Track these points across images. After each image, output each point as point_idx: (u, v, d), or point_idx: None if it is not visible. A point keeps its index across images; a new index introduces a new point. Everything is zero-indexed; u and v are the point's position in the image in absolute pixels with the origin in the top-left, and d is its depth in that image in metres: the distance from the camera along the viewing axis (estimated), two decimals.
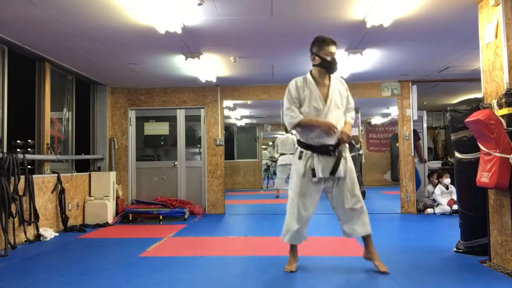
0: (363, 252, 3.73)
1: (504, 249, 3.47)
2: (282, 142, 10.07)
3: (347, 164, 3.57)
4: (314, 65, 3.58)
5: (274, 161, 13.77)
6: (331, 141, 3.48)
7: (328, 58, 3.49)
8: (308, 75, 3.60)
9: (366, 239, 3.67)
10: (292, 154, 10.32)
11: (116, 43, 4.97)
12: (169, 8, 3.84)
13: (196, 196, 7.61)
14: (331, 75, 3.62)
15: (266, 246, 4.74)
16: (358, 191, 3.65)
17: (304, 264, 3.89)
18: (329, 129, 3.40)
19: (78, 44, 5.00)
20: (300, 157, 3.55)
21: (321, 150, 3.48)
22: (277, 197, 9.84)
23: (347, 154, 3.61)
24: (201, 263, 3.97)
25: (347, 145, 3.66)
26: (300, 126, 3.52)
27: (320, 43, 3.52)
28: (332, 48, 3.50)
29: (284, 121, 3.59)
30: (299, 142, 3.63)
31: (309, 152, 3.51)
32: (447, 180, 7.12)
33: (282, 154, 9.97)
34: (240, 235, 5.44)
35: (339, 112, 3.59)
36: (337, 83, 3.66)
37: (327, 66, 3.52)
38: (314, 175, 3.48)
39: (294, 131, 3.82)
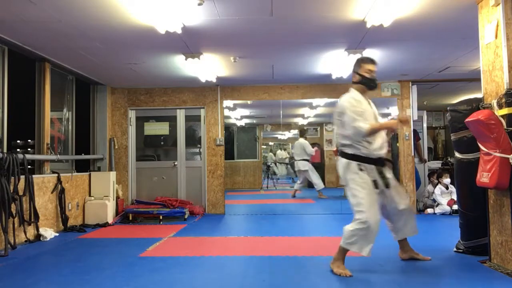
0: (400, 251, 3.96)
1: (504, 249, 3.47)
2: (294, 146, 10.27)
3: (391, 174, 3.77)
4: (354, 83, 3.77)
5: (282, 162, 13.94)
6: (384, 153, 3.68)
7: (368, 76, 3.73)
8: (355, 93, 3.72)
9: (406, 239, 3.92)
10: (303, 160, 10.32)
11: (116, 43, 4.98)
12: (169, 8, 3.84)
13: (196, 196, 7.61)
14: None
15: (266, 246, 4.73)
16: (405, 197, 3.87)
17: (304, 264, 3.89)
18: (404, 122, 3.63)
19: (78, 44, 5.00)
20: (361, 169, 3.57)
21: (378, 162, 3.63)
22: (294, 196, 10.15)
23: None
24: (201, 263, 3.97)
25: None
26: (372, 131, 3.53)
27: (360, 62, 3.78)
28: (372, 66, 3.75)
29: (352, 133, 3.56)
30: (353, 156, 3.60)
31: (367, 165, 3.58)
32: (447, 180, 7.12)
33: (293, 158, 10.22)
34: (240, 235, 5.44)
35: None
36: (371, 103, 3.85)
37: (367, 83, 3.73)
38: (376, 187, 3.58)
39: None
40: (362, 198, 3.51)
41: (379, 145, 3.61)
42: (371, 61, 3.77)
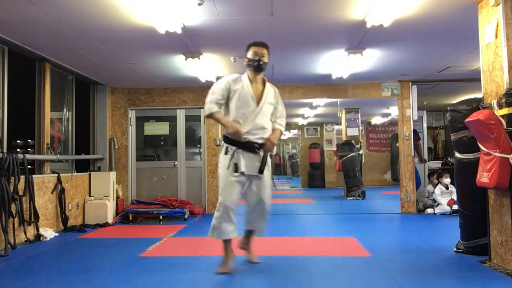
0: (241, 241, 3.96)
1: (504, 249, 3.47)
2: None
3: (268, 167, 3.70)
4: (247, 68, 3.73)
5: None
6: (258, 138, 3.60)
7: (252, 57, 3.65)
8: (244, 75, 3.73)
9: (252, 235, 3.94)
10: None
11: (116, 43, 4.97)
12: (169, 8, 3.84)
13: (196, 196, 7.61)
14: (266, 82, 3.77)
15: (266, 246, 4.73)
16: (269, 194, 3.79)
17: (304, 264, 3.89)
18: (235, 133, 3.51)
19: (78, 44, 5.00)
20: (226, 153, 3.61)
21: (247, 147, 3.57)
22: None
23: (268, 157, 3.69)
24: (201, 263, 3.97)
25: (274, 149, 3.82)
26: (212, 118, 3.64)
27: (249, 46, 3.71)
28: (257, 48, 3.66)
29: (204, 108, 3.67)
30: (225, 138, 3.65)
31: (234, 148, 3.58)
32: (447, 180, 7.12)
33: None
34: (240, 235, 5.43)
35: (267, 118, 3.69)
36: (270, 90, 3.76)
37: (252, 65, 3.65)
38: (236, 170, 3.54)
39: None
40: (222, 182, 3.63)
41: (247, 129, 3.55)
42: (255, 44, 3.70)
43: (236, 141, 3.57)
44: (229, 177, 3.57)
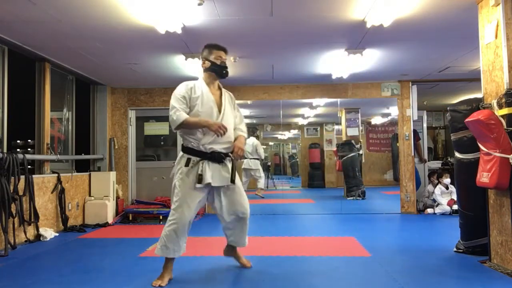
0: (225, 250, 3.79)
1: (504, 249, 3.47)
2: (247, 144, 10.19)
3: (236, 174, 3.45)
4: (204, 70, 3.50)
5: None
6: (223, 148, 3.39)
7: (218, 62, 3.44)
8: (200, 80, 3.50)
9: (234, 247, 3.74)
10: (255, 158, 10.10)
11: (116, 43, 4.97)
12: (169, 8, 3.84)
13: None
14: (221, 86, 3.59)
15: (266, 246, 4.73)
16: (246, 202, 3.57)
17: (304, 264, 3.89)
18: (219, 129, 3.23)
19: (78, 44, 5.00)
20: (187, 164, 3.33)
21: (212, 157, 3.34)
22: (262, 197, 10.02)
23: (234, 164, 3.46)
24: (201, 263, 3.97)
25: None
26: (186, 126, 3.30)
27: (211, 48, 3.48)
28: (222, 53, 3.48)
29: (170, 121, 3.35)
30: (185, 148, 3.39)
31: (197, 159, 3.33)
32: (447, 180, 7.12)
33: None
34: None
35: (231, 125, 3.48)
36: (227, 95, 3.58)
37: (217, 70, 3.45)
38: (200, 181, 3.28)
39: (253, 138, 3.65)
40: (179, 195, 3.31)
41: (209, 139, 3.32)
42: (222, 48, 3.50)
43: (199, 152, 3.33)
44: (190, 190, 3.30)
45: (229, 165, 3.41)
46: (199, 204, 3.42)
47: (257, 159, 9.95)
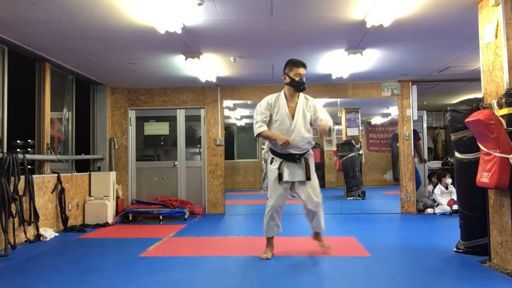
0: (313, 237, 4.41)
1: (504, 249, 3.47)
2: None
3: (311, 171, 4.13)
4: (285, 84, 4.18)
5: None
6: (298, 151, 4.04)
7: (297, 79, 4.06)
8: (282, 93, 4.18)
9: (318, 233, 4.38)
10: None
11: (116, 43, 4.97)
12: (169, 8, 3.84)
13: (196, 196, 7.61)
14: (301, 95, 4.18)
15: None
16: (318, 195, 4.16)
17: (304, 264, 3.89)
18: (283, 144, 3.89)
19: (78, 44, 5.00)
20: (271, 162, 4.12)
21: (289, 158, 4.04)
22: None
23: (311, 162, 4.15)
24: (201, 263, 3.97)
25: (312, 153, 4.21)
26: (262, 137, 4.11)
27: (291, 65, 4.10)
28: (301, 70, 4.07)
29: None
30: (271, 150, 4.16)
31: (279, 159, 4.06)
32: (448, 180, 7.11)
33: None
34: (240, 235, 5.44)
35: (303, 129, 4.07)
36: (302, 102, 4.15)
37: (295, 86, 4.08)
38: (280, 179, 4.03)
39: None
40: (270, 187, 4.09)
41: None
42: (301, 64, 4.09)
43: (279, 154, 4.06)
44: (276, 184, 4.05)
45: (304, 164, 4.06)
46: (283, 195, 4.11)
47: None
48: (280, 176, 4.03)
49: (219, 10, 4.01)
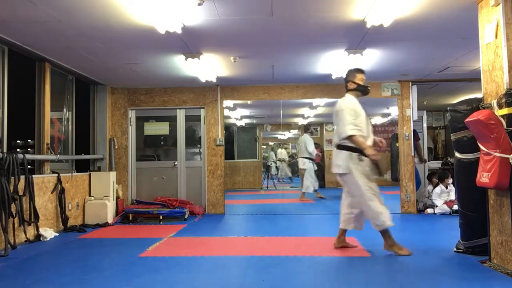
0: (336, 241, 4.51)
1: (504, 249, 3.47)
2: (298, 144, 9.84)
3: None
4: (350, 90, 4.38)
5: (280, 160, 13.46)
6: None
7: (362, 83, 4.37)
8: (353, 97, 4.35)
9: (345, 232, 4.53)
10: (302, 157, 9.79)
11: (116, 43, 4.97)
12: (169, 8, 3.84)
13: (196, 196, 7.61)
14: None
15: (266, 246, 4.73)
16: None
17: (304, 264, 3.89)
18: (373, 155, 4.07)
19: (78, 44, 5.00)
20: (360, 160, 4.18)
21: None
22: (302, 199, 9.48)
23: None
24: (201, 263, 3.97)
25: None
26: (352, 139, 4.15)
27: (354, 72, 4.41)
28: (363, 76, 4.40)
29: (342, 130, 4.20)
30: (354, 148, 4.19)
31: (365, 158, 4.17)
32: (450, 181, 7.11)
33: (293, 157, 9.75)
34: (240, 235, 5.44)
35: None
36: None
37: (363, 90, 4.38)
38: (380, 174, 4.24)
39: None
40: (366, 183, 4.16)
41: (370, 144, 4.23)
42: (361, 71, 4.43)
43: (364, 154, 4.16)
44: (370, 181, 4.19)
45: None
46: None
47: (306, 158, 9.45)
48: (374, 170, 4.20)
49: (219, 10, 4.01)
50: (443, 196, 7.11)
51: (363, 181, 4.16)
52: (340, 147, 4.28)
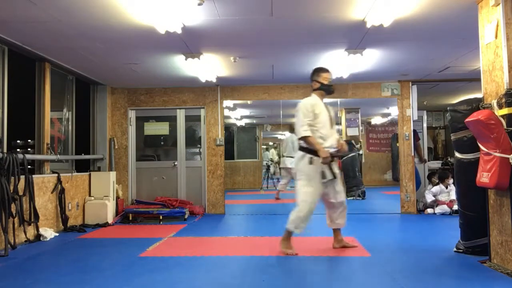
0: (335, 241, 4.48)
1: (504, 249, 3.47)
2: (284, 141, 9.88)
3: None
4: (315, 90, 4.35)
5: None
6: (333, 152, 4.23)
7: (326, 82, 4.31)
8: (316, 97, 4.33)
9: (339, 230, 4.50)
10: (290, 157, 9.78)
11: (116, 43, 4.97)
12: (169, 8, 3.84)
13: (196, 196, 7.61)
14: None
15: (266, 246, 4.73)
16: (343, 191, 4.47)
17: (304, 264, 3.89)
18: (325, 158, 4.06)
19: (78, 44, 5.00)
20: (311, 162, 4.13)
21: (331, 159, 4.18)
22: (277, 199, 9.59)
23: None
24: (201, 263, 3.97)
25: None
26: (306, 140, 4.15)
27: (319, 71, 4.36)
28: (328, 74, 4.35)
29: (297, 131, 4.23)
30: (308, 149, 4.17)
31: (318, 158, 4.11)
32: (450, 181, 7.12)
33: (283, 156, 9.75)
34: (240, 235, 5.44)
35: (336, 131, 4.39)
36: (328, 107, 4.41)
37: (326, 89, 4.33)
38: (324, 177, 4.14)
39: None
40: (308, 187, 4.16)
41: (329, 144, 4.20)
42: (327, 70, 4.38)
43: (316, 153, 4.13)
44: (316, 183, 4.14)
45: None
46: (321, 193, 4.31)
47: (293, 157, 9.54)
48: (323, 175, 4.14)
49: (219, 10, 4.01)
50: (443, 196, 7.11)
51: (301, 183, 4.20)
52: (299, 148, 4.31)
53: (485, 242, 3.78)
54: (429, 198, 7.13)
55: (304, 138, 4.15)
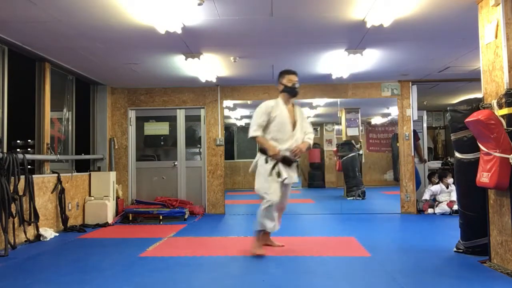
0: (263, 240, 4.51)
1: (504, 249, 3.47)
2: None
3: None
4: (280, 92, 4.35)
5: None
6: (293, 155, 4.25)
7: (290, 84, 4.29)
8: (279, 100, 4.33)
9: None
10: None
11: (116, 43, 4.98)
12: (169, 8, 3.84)
13: (196, 196, 7.61)
14: (293, 103, 4.41)
15: (266, 246, 4.73)
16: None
17: (304, 264, 3.89)
18: (273, 155, 4.16)
19: (78, 44, 5.00)
20: (266, 162, 4.23)
21: (285, 161, 4.21)
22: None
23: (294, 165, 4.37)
24: (201, 263, 3.97)
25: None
26: (256, 140, 4.29)
27: (283, 73, 4.35)
28: (292, 76, 4.31)
29: (249, 130, 4.29)
30: (263, 150, 4.29)
31: (272, 159, 4.20)
32: (450, 180, 7.12)
33: None
34: (240, 235, 5.44)
35: (301, 136, 4.31)
36: (298, 109, 4.41)
37: (289, 91, 4.30)
38: (279, 176, 4.18)
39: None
40: (267, 184, 4.19)
41: (285, 148, 4.21)
42: (292, 72, 4.36)
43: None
44: (274, 181, 4.17)
45: (295, 168, 4.36)
46: (281, 191, 4.31)
47: None
48: (278, 174, 4.17)
49: (219, 10, 4.01)
50: (444, 196, 7.10)
51: (258, 180, 4.27)
52: (258, 149, 4.43)
53: (485, 242, 3.78)
54: (427, 194, 7.14)
55: (253, 138, 4.28)
